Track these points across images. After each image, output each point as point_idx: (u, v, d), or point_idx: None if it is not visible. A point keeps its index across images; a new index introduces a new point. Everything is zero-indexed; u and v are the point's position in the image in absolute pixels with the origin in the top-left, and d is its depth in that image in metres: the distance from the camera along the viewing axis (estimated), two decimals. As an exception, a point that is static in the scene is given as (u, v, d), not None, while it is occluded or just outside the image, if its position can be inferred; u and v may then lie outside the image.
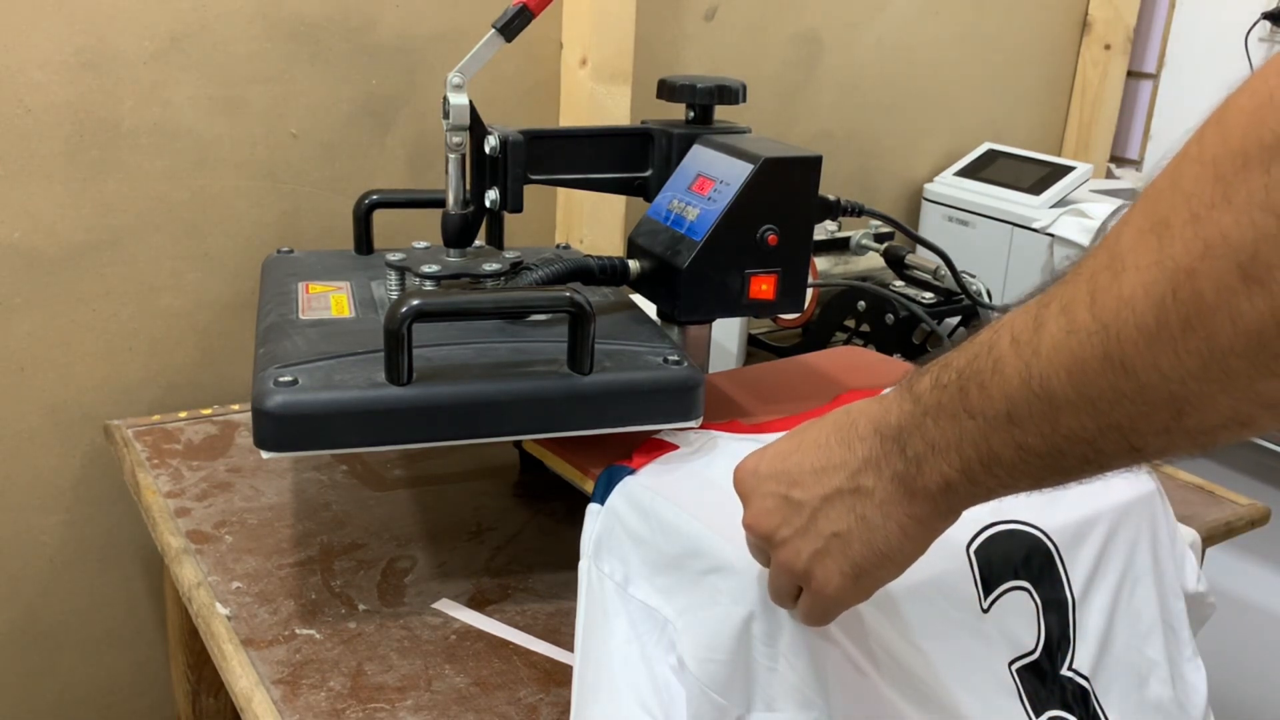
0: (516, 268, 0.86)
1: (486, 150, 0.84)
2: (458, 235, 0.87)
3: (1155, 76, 1.79)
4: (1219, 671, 0.85)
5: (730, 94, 0.90)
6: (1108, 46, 1.74)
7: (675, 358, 0.77)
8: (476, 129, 0.84)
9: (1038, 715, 0.67)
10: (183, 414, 1.10)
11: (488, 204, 0.86)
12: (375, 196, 1.01)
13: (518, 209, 0.84)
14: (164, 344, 1.13)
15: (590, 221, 1.28)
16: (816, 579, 0.53)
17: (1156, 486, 0.77)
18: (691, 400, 0.76)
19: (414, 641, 0.77)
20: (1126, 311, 0.37)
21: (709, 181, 0.83)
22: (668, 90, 0.91)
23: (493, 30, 0.82)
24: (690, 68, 1.36)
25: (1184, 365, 0.36)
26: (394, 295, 0.86)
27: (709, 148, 0.86)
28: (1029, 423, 0.42)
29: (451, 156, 0.85)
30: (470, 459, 1.04)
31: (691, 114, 0.93)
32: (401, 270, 0.87)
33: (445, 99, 0.82)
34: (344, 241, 1.20)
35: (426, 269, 0.84)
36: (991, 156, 1.58)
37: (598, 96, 1.23)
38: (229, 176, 1.11)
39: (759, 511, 0.55)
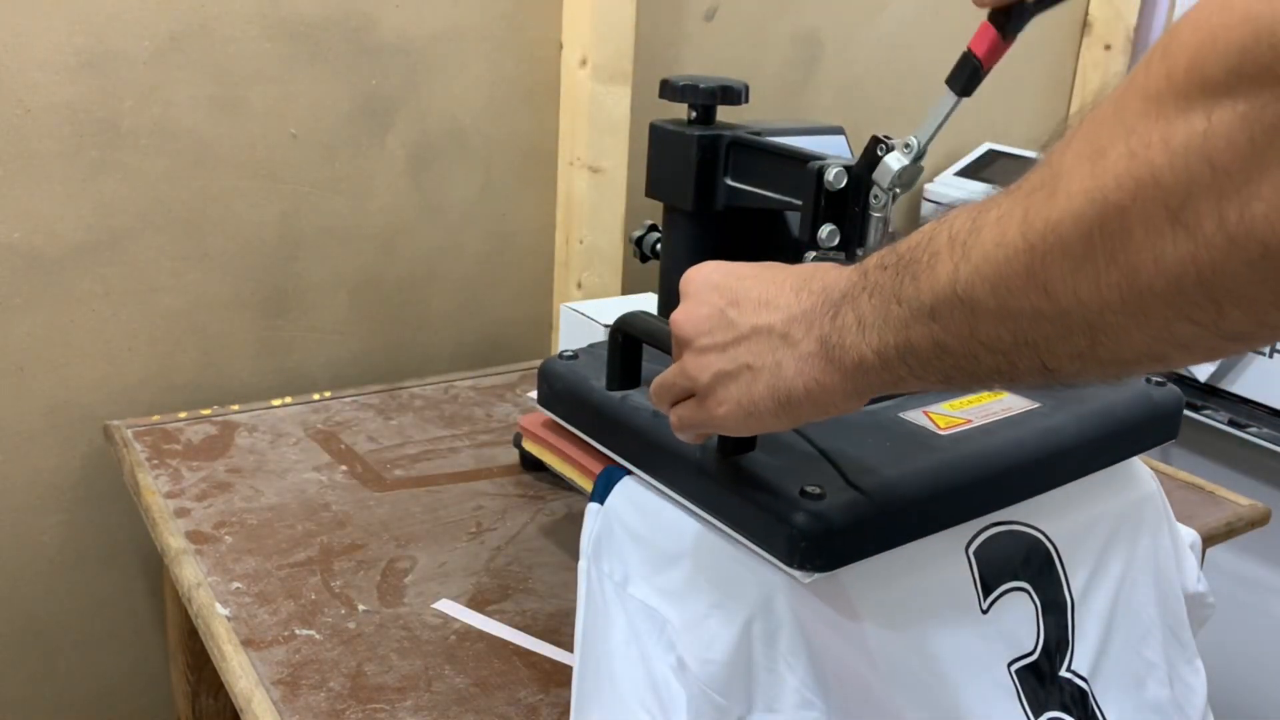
0: None
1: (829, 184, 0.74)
2: None
3: (1155, 77, 1.78)
4: (1219, 671, 0.85)
5: (733, 94, 0.90)
6: (1108, 47, 1.74)
7: (1158, 379, 0.77)
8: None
9: (1036, 716, 0.67)
10: (182, 414, 1.10)
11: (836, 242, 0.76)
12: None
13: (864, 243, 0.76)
14: (164, 344, 1.13)
15: (590, 222, 1.28)
16: (713, 397, 0.54)
17: (1157, 487, 0.77)
18: (1176, 422, 0.77)
19: (414, 642, 0.77)
20: (1053, 236, 0.37)
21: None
22: (670, 90, 0.91)
23: (949, 92, 0.74)
24: (690, 68, 1.35)
25: (1103, 297, 0.36)
26: None
27: (788, 138, 0.84)
28: (949, 322, 0.43)
29: (877, 216, 0.74)
30: (470, 459, 1.04)
31: (693, 114, 0.93)
32: None
33: (889, 166, 0.72)
34: (344, 242, 1.20)
35: None
36: (992, 157, 1.58)
37: (598, 96, 1.23)
38: (229, 176, 1.11)
39: (692, 314, 0.56)
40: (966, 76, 0.71)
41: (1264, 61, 0.31)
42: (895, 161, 0.71)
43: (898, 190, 0.71)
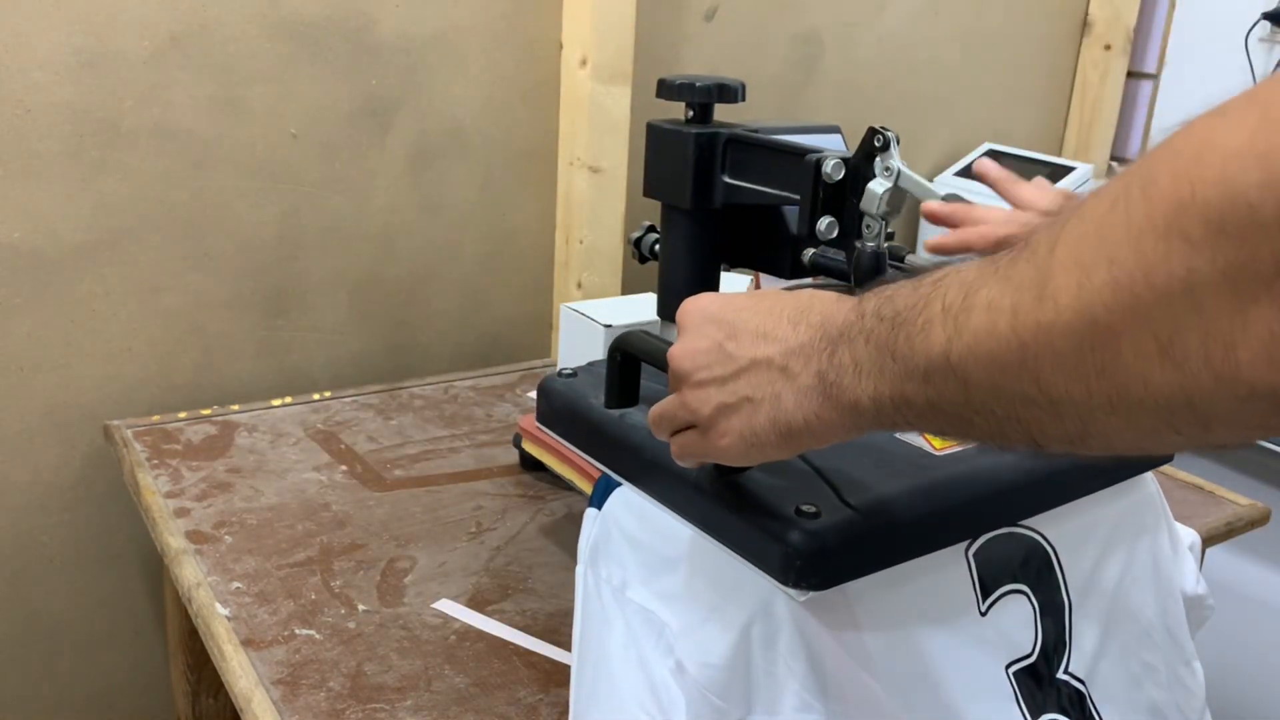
0: None
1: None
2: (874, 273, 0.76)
3: (1155, 76, 1.78)
4: (1218, 672, 0.85)
5: (730, 93, 0.90)
6: (1108, 47, 1.74)
7: None
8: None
9: (1034, 718, 0.67)
10: (182, 414, 1.10)
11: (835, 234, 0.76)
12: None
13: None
14: (164, 344, 1.13)
15: (590, 222, 1.28)
16: (716, 429, 0.54)
17: (1156, 489, 0.77)
18: None
19: (414, 641, 0.77)
20: (1045, 339, 0.38)
21: None
22: (667, 90, 0.91)
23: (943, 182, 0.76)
24: (690, 68, 1.35)
25: (1093, 400, 0.37)
26: None
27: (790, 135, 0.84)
28: (943, 388, 0.43)
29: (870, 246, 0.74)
30: (470, 459, 1.04)
31: (691, 113, 0.93)
32: None
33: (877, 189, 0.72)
34: (344, 242, 1.20)
35: None
36: (992, 157, 1.58)
37: (598, 96, 1.23)
38: (229, 176, 1.11)
39: (690, 348, 0.56)
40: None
41: (1241, 223, 0.31)
42: (879, 186, 0.70)
43: (886, 217, 0.71)
